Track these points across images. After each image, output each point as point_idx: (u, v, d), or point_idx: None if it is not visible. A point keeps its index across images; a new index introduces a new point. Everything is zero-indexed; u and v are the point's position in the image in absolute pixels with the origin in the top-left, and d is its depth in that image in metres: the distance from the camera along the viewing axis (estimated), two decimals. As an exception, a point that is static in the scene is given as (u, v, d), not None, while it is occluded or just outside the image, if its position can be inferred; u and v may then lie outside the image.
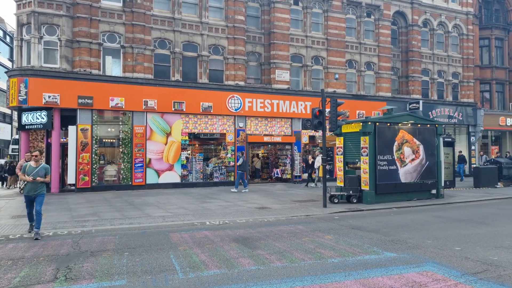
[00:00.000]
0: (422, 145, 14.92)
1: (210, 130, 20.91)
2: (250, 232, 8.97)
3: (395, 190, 14.25)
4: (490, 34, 29.10)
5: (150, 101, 19.22)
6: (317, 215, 11.57)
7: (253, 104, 21.56)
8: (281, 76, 22.60)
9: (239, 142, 21.27)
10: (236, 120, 21.30)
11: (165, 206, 13.33)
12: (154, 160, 19.47)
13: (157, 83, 19.56)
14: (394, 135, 14.29)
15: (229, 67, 21.49)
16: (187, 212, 11.98)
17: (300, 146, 22.91)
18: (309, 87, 23.54)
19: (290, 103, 22.49)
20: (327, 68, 24.04)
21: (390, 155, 14.16)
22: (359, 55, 25.17)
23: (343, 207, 12.89)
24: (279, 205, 13.58)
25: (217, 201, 14.52)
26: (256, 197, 15.76)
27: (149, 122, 19.40)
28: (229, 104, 20.95)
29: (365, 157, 13.81)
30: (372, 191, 13.72)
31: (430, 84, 27.82)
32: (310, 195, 16.48)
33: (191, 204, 13.84)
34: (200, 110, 20.29)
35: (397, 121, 14.34)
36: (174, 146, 19.90)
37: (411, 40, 26.85)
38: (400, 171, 14.36)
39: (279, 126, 22.58)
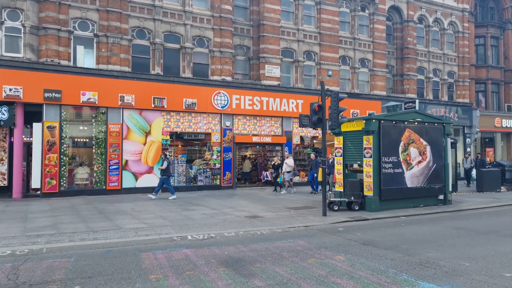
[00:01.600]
0: (429, 146, 13.52)
1: (194, 129, 19.13)
2: (242, 251, 7.27)
3: (401, 196, 12.78)
4: (486, 32, 28.21)
5: (127, 96, 17.32)
6: (318, 226, 9.96)
7: (241, 101, 19.89)
8: (271, 72, 20.99)
9: (226, 143, 19.56)
10: (222, 118, 19.58)
11: (141, 214, 11.50)
12: (132, 161, 17.57)
13: (135, 77, 17.69)
14: (400, 135, 12.83)
15: (215, 60, 19.76)
16: (166, 222, 10.20)
17: (291, 147, 21.33)
18: (300, 84, 22.01)
19: (280, 101, 20.90)
20: (320, 64, 22.56)
21: (396, 157, 12.68)
22: (353, 51, 23.79)
23: (345, 216, 11.33)
24: (272, 213, 11.92)
25: (201, 208, 12.77)
26: (244, 204, 14.07)
27: (126, 120, 17.50)
28: (215, 101, 19.22)
29: (368, 159, 12.29)
30: (376, 197, 12.21)
31: (426, 83, 26.69)
32: (305, 201, 14.88)
33: (171, 212, 12.05)
34: (183, 107, 18.50)
35: (403, 119, 12.88)
36: (154, 146, 18.04)
37: (406, 37, 25.65)
38: (406, 175, 12.89)
39: (269, 126, 20.95)
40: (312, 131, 22.02)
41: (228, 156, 19.55)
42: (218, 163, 19.43)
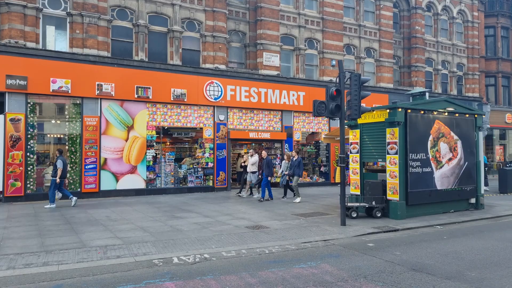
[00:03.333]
0: (460, 140, 11.54)
1: (184, 123, 16.90)
2: (250, 284, 5.12)
3: (429, 200, 10.76)
4: (496, 22, 26.48)
5: (105, 85, 15.01)
6: (340, 240, 7.86)
7: (236, 92, 17.72)
8: (269, 60, 18.86)
9: (219, 139, 17.37)
10: (215, 111, 17.38)
11: (117, 225, 9.27)
12: (111, 160, 15.28)
13: (115, 63, 15.38)
14: (429, 127, 10.81)
15: (207, 46, 17.55)
16: (146, 236, 7.99)
17: (292, 144, 19.22)
18: (302, 75, 19.91)
19: (280, 93, 18.78)
20: (323, 52, 20.49)
21: (424, 154, 10.66)
22: (358, 39, 21.77)
23: (368, 225, 9.26)
24: (278, 221, 9.79)
25: (192, 216, 10.58)
26: (243, 209, 11.92)
27: (105, 112, 15.20)
28: (207, 92, 17.01)
29: (393, 156, 10.23)
30: (402, 202, 10.16)
31: (434, 75, 24.82)
32: (312, 205, 12.78)
33: (154, 221, 9.84)
34: (171, 98, 16.25)
35: (432, 108, 10.85)
36: (138, 143, 15.77)
37: (414, 25, 23.74)
38: (435, 175, 10.88)
39: (267, 120, 18.82)
40: (314, 126, 19.96)
41: (222, 154, 17.37)
42: (211, 162, 17.24)
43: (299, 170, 13.67)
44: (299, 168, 13.70)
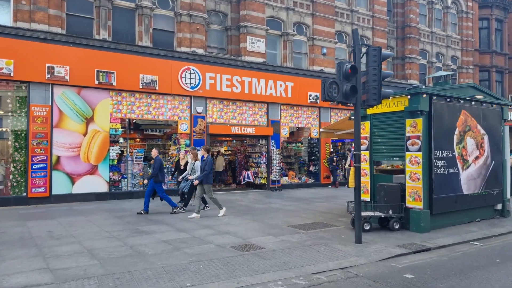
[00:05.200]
0: (487, 135, 9.68)
1: (155, 116, 14.44)
2: None
3: (455, 207, 8.83)
4: (490, 14, 25.22)
5: (58, 67, 12.41)
6: (364, 268, 5.75)
7: (217, 81, 15.40)
8: (254, 45, 16.63)
9: (197, 134, 15.01)
10: (192, 102, 15.01)
11: (57, 246, 6.84)
12: (66, 158, 12.69)
13: (71, 42, 12.80)
14: (455, 119, 8.87)
15: (182, 27, 15.14)
16: (92, 267, 5.63)
17: (279, 141, 17.09)
18: (290, 63, 17.79)
19: (266, 83, 16.60)
20: (313, 39, 18.44)
21: (450, 151, 8.72)
22: (351, 25, 19.85)
23: (389, 241, 7.21)
24: (273, 237, 7.60)
25: (162, 229, 8.24)
26: (226, 219, 9.66)
27: (58, 101, 12.59)
28: (183, 80, 14.63)
29: (414, 154, 8.22)
30: (426, 211, 8.17)
31: (428, 68, 23.26)
32: (307, 212, 10.67)
33: (111, 238, 7.45)
34: (140, 86, 13.79)
35: (459, 96, 8.91)
36: (99, 138, 13.23)
37: (408, 13, 22.06)
38: (461, 176, 8.97)
39: (252, 113, 16.60)
40: (303, 121, 17.90)
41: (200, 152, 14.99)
42: (187, 160, 14.83)
43: (207, 176, 9.90)
44: (207, 173, 9.92)
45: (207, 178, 9.92)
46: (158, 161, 10.46)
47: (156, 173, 10.33)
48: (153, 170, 10.40)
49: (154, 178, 10.38)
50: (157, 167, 10.32)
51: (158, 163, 10.40)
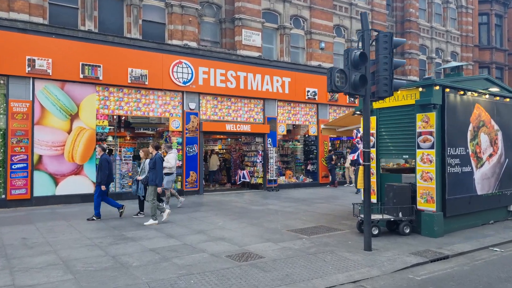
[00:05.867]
0: (501, 131, 9.03)
1: (144, 112, 13.63)
2: None
3: (469, 209, 8.17)
4: (490, 9, 24.70)
5: (40, 60, 11.56)
6: (378, 281, 5.05)
7: (210, 76, 14.63)
8: (249, 39, 15.87)
9: (190, 132, 14.22)
10: (185, 98, 14.22)
11: (29, 256, 6.04)
12: (49, 158, 11.84)
13: (53, 33, 11.95)
14: (468, 113, 8.21)
15: (174, 19, 14.33)
16: (66, 281, 4.87)
17: (276, 139, 16.36)
18: (287, 58, 17.06)
19: (262, 78, 15.85)
20: (310, 33, 17.72)
21: (464, 148, 8.05)
22: (349, 19, 19.17)
23: (401, 248, 6.51)
24: (273, 243, 6.87)
25: (149, 235, 7.46)
26: (221, 223, 8.91)
27: (39, 96, 11.75)
28: (174, 74, 13.83)
29: (426, 151, 7.53)
30: (440, 214, 7.48)
31: (428, 64, 22.67)
32: (309, 213, 9.95)
33: (92, 246, 6.66)
34: (128, 80, 12.97)
35: (473, 88, 8.24)
36: (84, 136, 12.40)
37: (408, 7, 21.42)
38: (475, 176, 8.31)
39: (247, 110, 15.84)
40: (301, 118, 17.19)
41: (193, 150, 14.26)
42: (179, 159, 14.05)
43: (155, 176, 8.64)
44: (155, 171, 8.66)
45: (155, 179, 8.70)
46: (103, 161, 9.24)
47: (106, 174, 9.15)
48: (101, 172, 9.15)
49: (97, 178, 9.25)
50: (105, 167, 9.14)
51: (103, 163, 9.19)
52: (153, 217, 8.69)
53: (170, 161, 10.55)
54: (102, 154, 9.42)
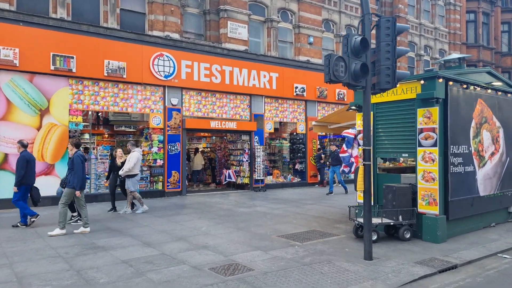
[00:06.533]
0: (502, 128, 8.53)
1: (122, 107, 12.72)
2: None
3: (471, 211, 7.62)
4: (477, 6, 24.53)
5: (5, 50, 10.55)
6: (386, 299, 4.38)
7: (194, 69, 13.81)
8: (235, 32, 15.10)
9: (172, 129, 13.38)
10: (166, 93, 13.36)
11: (-22, 273, 5.17)
12: (15, 156, 10.75)
13: (21, 20, 10.93)
14: (471, 109, 7.66)
15: (154, 8, 13.44)
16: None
17: (263, 137, 15.64)
18: (274, 52, 16.35)
19: (248, 73, 15.11)
20: (299, 27, 17.06)
21: (466, 146, 7.50)
22: (338, 14, 18.60)
23: (404, 256, 5.89)
24: (262, 252, 6.15)
25: (124, 243, 6.65)
26: (204, 227, 8.14)
27: (5, 89, 10.73)
28: (155, 67, 12.96)
29: (428, 149, 6.94)
30: (442, 217, 6.90)
31: (416, 61, 22.32)
32: (300, 216, 9.27)
33: (56, 257, 5.82)
34: (104, 73, 12.04)
35: (475, 82, 7.69)
36: (56, 133, 11.43)
37: (397, 3, 21.00)
38: (478, 175, 7.77)
39: (233, 106, 15.07)
40: (288, 115, 16.52)
41: (175, 148, 13.42)
42: (161, 158, 13.22)
43: (74, 178, 7.51)
44: (74, 173, 7.52)
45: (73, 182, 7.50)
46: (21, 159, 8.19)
47: (21, 174, 8.10)
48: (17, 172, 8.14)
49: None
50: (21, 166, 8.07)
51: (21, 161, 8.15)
52: (60, 225, 7.42)
53: (130, 160, 9.62)
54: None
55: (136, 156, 9.78)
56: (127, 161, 9.69)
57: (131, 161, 9.65)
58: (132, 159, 9.68)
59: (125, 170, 9.65)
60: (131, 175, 9.74)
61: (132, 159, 9.68)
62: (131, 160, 9.66)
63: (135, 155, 9.80)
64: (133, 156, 9.74)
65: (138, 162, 9.89)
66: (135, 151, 9.93)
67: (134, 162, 9.68)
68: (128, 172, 9.68)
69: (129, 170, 9.68)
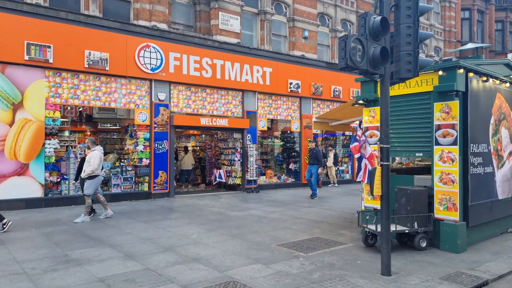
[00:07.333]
0: (519, 125, 7.89)
1: (105, 102, 11.74)
2: None
3: (490, 216, 6.94)
4: (472, 4, 24.17)
5: (-28, 36, 9.50)
6: (419, 330, 3.60)
7: (183, 62, 12.91)
8: (227, 23, 14.23)
9: (159, 126, 12.45)
10: (153, 87, 12.44)
11: None
12: (-15, 155, 9.80)
13: (-9, 4, 9.90)
14: (490, 104, 6.98)
15: (141, -4, 12.50)
16: None
17: (256, 135, 14.83)
18: (268, 46, 15.54)
19: (241, 67, 14.28)
20: (293, 20, 16.28)
21: (486, 145, 6.81)
22: (334, 8, 17.89)
23: (426, 270, 5.16)
24: (264, 266, 5.34)
25: (102, 255, 5.76)
26: (194, 234, 7.29)
27: (-28, 80, 9.69)
28: (141, 59, 12.03)
29: (447, 148, 6.22)
30: (463, 224, 6.19)
31: (412, 59, 21.70)
32: (299, 221, 8.49)
33: (19, 275, 4.91)
34: (85, 65, 11.06)
35: (495, 74, 7.00)
36: (31, 129, 10.41)
37: (393, -2, 20.36)
38: (497, 177, 7.09)
39: (224, 103, 14.22)
40: (282, 112, 15.73)
41: (162, 146, 12.50)
42: (147, 157, 12.28)
43: None
44: None
45: None
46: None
47: None
48: None
49: None
50: None
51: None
52: None
53: (92, 161, 8.56)
54: None
55: (99, 156, 8.70)
56: (87, 162, 8.63)
57: (94, 162, 8.53)
58: (95, 159, 8.58)
59: (87, 172, 8.58)
60: (92, 177, 8.68)
61: (95, 159, 8.57)
62: (94, 160, 8.55)
63: (97, 154, 8.69)
64: (95, 156, 8.63)
65: (101, 163, 8.84)
66: (95, 150, 8.80)
67: (98, 163, 8.60)
68: (91, 173, 8.65)
69: (93, 172, 8.62)
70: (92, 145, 8.98)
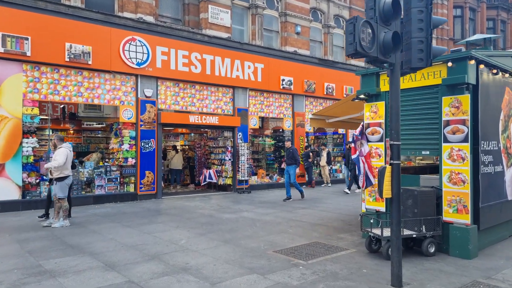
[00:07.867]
0: (526, 122, 7.49)
1: (88, 98, 11.06)
2: None
3: (500, 218, 6.53)
4: (464, 1, 24.00)
5: None
6: None
7: (171, 57, 12.29)
8: (217, 17, 13.65)
9: (146, 124, 11.81)
10: (139, 83, 11.79)
11: None
12: (-45, 155, 9.05)
13: (-38, -9, 9.15)
14: (500, 98, 6.56)
15: (126, -14, 11.84)
16: None
17: (247, 133, 14.28)
18: (259, 41, 15.00)
19: (231, 63, 13.71)
20: (285, 15, 15.77)
21: (496, 142, 6.38)
22: (327, 3, 17.44)
23: (440, 280, 4.71)
24: (260, 276, 4.80)
25: (81, 264, 5.16)
26: (183, 239, 6.71)
27: None
28: (126, 53, 11.37)
29: (457, 145, 5.76)
30: (474, 227, 5.74)
31: (405, 56, 21.43)
32: (295, 224, 7.97)
33: (-20, 293, 4.29)
34: (66, 58, 10.37)
35: (506, 67, 6.58)
36: (7, 127, 9.69)
37: (386, -6, 20.01)
38: (506, 176, 6.68)
39: (214, 100, 13.63)
40: (275, 110, 15.21)
41: (149, 145, 11.86)
42: (132, 157, 11.63)
43: None
44: None
45: None
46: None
47: None
48: None
49: None
50: None
51: None
52: None
53: (58, 157, 7.67)
54: None
55: (65, 153, 7.80)
56: (53, 159, 7.80)
57: (60, 158, 7.65)
58: (61, 155, 7.68)
59: (51, 168, 7.70)
60: (61, 178, 7.87)
61: (60, 155, 7.68)
62: (59, 157, 7.66)
63: (63, 151, 7.81)
64: (61, 153, 7.75)
65: (68, 161, 7.94)
66: (62, 147, 7.94)
67: (64, 160, 7.70)
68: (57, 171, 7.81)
69: (60, 171, 7.79)
70: (59, 142, 8.10)
